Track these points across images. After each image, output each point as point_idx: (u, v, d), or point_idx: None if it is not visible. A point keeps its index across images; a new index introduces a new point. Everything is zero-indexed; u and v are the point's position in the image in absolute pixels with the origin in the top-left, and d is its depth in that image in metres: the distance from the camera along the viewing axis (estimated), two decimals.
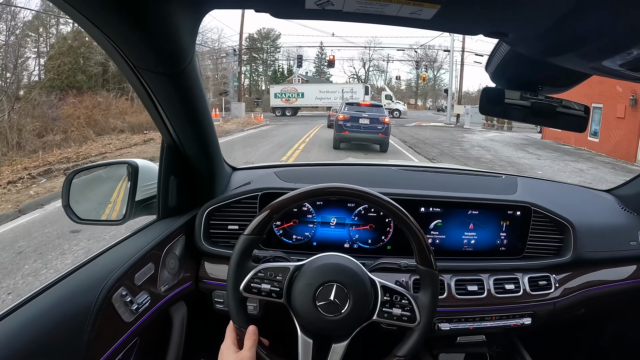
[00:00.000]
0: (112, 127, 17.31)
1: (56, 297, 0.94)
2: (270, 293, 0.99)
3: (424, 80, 50.94)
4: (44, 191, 7.61)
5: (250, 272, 1.01)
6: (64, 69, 22.36)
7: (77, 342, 0.89)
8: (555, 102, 1.00)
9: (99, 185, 1.53)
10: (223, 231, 1.45)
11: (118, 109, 19.14)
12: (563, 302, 1.47)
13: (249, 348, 0.94)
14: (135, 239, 1.24)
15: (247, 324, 0.99)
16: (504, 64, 0.95)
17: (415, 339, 0.99)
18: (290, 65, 52.36)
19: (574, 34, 0.68)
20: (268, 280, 1.00)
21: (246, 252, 1.02)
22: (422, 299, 1.01)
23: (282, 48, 53.76)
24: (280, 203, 1.04)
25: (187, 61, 0.95)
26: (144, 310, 1.11)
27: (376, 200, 1.03)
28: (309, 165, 1.86)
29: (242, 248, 1.02)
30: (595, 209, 1.72)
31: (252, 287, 1.00)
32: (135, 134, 16.80)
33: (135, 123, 17.86)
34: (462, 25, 0.82)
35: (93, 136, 15.28)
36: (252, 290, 1.00)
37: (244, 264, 1.02)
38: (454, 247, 1.48)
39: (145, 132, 17.05)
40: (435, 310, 1.02)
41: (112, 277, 1.01)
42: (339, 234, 1.47)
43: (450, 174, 1.76)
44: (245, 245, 1.02)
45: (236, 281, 1.00)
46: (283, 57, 54.95)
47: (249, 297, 1.01)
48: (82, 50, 23.52)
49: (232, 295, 1.00)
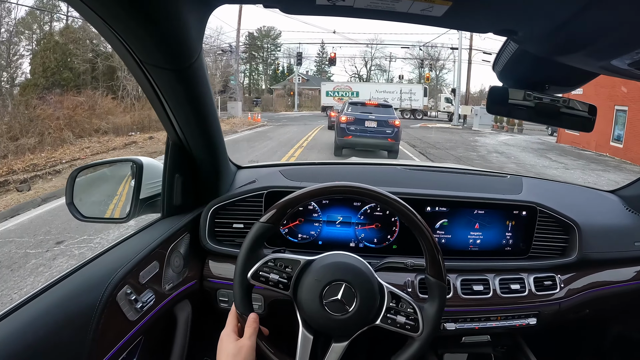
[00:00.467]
0: (95, 128, 15.96)
1: (60, 295, 0.93)
2: (277, 284, 0.99)
3: (428, 80, 49.88)
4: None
5: (260, 259, 1.00)
6: (49, 65, 21.19)
7: (82, 341, 0.89)
8: (559, 103, 0.99)
9: (103, 183, 1.53)
10: (228, 229, 1.44)
11: (103, 109, 17.75)
12: (568, 303, 1.47)
13: (248, 336, 0.94)
14: (140, 237, 1.23)
15: (250, 311, 0.99)
16: (511, 63, 0.94)
17: (415, 349, 0.99)
18: (291, 64, 51.34)
19: (584, 33, 0.67)
20: (277, 270, 1.00)
21: (259, 240, 1.02)
22: (428, 310, 1.01)
23: (283, 46, 52.86)
24: (296, 198, 1.03)
25: (194, 57, 0.94)
26: (149, 308, 1.11)
27: (394, 204, 1.03)
28: (315, 165, 1.86)
29: (257, 235, 1.01)
30: (600, 209, 1.70)
31: (261, 275, 0.99)
32: (119, 135, 15.49)
33: (120, 124, 16.57)
34: (473, 22, 0.81)
35: (72, 139, 13.99)
36: (260, 279, 0.99)
37: (255, 251, 1.01)
38: (460, 246, 1.47)
39: (131, 134, 15.75)
40: (439, 322, 1.04)
41: (117, 275, 1.01)
42: (344, 233, 1.46)
43: (455, 173, 1.75)
44: (259, 233, 1.01)
45: (245, 267, 1.00)
46: (284, 55, 54.03)
47: (256, 284, 1.00)
48: (70, 47, 22.30)
49: (239, 281, 1.00)
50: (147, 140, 14.65)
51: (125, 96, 20.71)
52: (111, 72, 22.34)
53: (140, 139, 14.78)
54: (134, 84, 20.66)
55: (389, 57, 55.03)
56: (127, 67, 0.97)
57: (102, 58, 22.09)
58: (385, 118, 11.44)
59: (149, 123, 17.83)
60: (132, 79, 20.47)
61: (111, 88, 21.32)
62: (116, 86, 21.53)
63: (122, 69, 21.42)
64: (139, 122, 17.61)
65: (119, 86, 21.36)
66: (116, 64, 21.82)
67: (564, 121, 1.01)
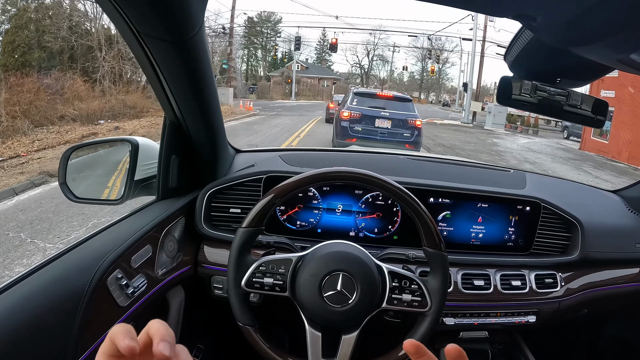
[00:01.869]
0: (60, 115, 13.79)
1: (47, 279, 0.90)
2: (273, 287, 0.99)
3: (433, 73, 48.17)
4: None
5: (251, 266, 1.00)
6: (19, 44, 18.95)
7: (69, 327, 0.86)
8: (563, 101, 0.93)
9: (97, 163, 1.51)
10: (225, 214, 1.41)
11: (73, 93, 15.49)
12: (568, 302, 1.47)
13: None
14: (133, 220, 1.21)
15: (252, 321, 0.99)
16: (524, 53, 0.89)
17: (428, 325, 0.99)
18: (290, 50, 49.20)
19: (605, 22, 0.62)
20: (270, 273, 0.99)
21: (245, 246, 1.01)
22: (432, 283, 1.01)
23: (283, 33, 50.77)
24: (284, 187, 1.02)
25: (195, 29, 0.90)
26: (140, 294, 1.08)
27: (384, 185, 1.03)
28: (316, 151, 1.85)
29: (241, 242, 1.00)
30: (602, 208, 1.69)
31: (254, 282, 0.99)
32: (84, 124, 13.28)
33: (88, 111, 14.31)
34: (489, 4, 0.73)
35: (29, 128, 11.84)
36: (254, 286, 0.99)
37: (243, 258, 1.01)
38: (462, 240, 1.46)
39: (97, 123, 13.58)
40: (446, 293, 1.02)
41: (108, 259, 0.99)
42: (344, 221, 1.44)
43: (459, 165, 1.73)
44: (244, 239, 1.01)
45: (237, 277, 0.99)
46: (284, 41, 51.75)
47: (251, 292, 1.00)
48: (45, 24, 20.01)
49: (234, 292, 0.99)
50: (111, 131, 12.49)
51: (102, 79, 18.50)
52: (88, 53, 20.10)
53: (103, 129, 12.63)
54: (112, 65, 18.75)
55: (392, 47, 52.96)
56: (123, 38, 0.92)
57: (77, 36, 19.80)
58: (402, 116, 8.76)
59: (123, 110, 15.69)
60: (112, 60, 19.48)
61: (86, 70, 19.06)
62: (94, 67, 19.31)
63: (101, 49, 19.33)
64: (111, 109, 15.43)
65: (97, 68, 19.14)
66: (94, 44, 19.64)
67: (573, 116, 0.96)
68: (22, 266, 3.86)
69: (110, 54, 19.18)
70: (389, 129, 8.75)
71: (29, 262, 3.98)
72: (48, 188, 6.60)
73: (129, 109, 15.91)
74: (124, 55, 19.00)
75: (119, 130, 12.74)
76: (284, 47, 52.87)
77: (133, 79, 20.18)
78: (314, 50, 56.71)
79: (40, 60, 18.99)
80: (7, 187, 6.33)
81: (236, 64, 32.64)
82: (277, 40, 52.45)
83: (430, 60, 44.96)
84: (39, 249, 4.25)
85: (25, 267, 0.84)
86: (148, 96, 17.60)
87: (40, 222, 4.98)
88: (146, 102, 17.32)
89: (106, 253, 0.99)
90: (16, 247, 4.29)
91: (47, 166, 7.53)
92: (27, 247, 4.31)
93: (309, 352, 0.96)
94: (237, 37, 36.57)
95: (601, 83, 16.00)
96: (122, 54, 18.98)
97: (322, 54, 55.86)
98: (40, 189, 6.58)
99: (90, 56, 19.83)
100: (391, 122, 8.74)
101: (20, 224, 4.95)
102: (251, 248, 1.03)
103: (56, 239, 4.48)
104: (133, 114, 15.85)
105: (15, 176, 7.06)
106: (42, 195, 6.21)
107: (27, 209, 5.51)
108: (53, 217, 5.11)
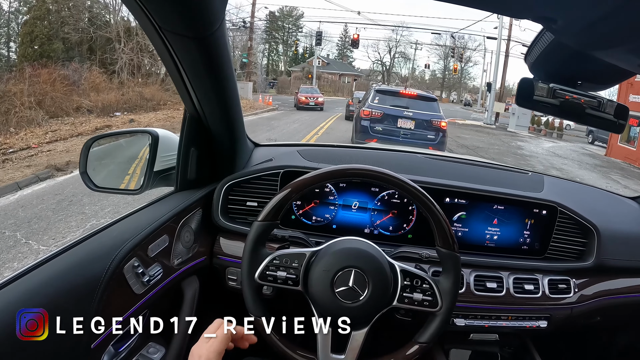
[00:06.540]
0: (76, 106, 13.70)
1: (66, 265, 0.93)
2: (286, 281, 0.99)
3: (455, 72, 47.21)
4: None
5: (265, 259, 1.00)
6: (38, 34, 19.03)
7: (85, 311, 0.88)
8: (585, 104, 0.90)
9: (118, 153, 1.52)
10: (241, 207, 1.42)
11: (90, 84, 15.43)
12: (580, 308, 1.44)
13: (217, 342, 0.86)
14: (151, 210, 1.23)
15: (264, 312, 0.99)
16: (544, 55, 0.87)
17: (437, 325, 0.99)
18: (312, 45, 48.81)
19: (626, 26, 0.62)
20: (284, 267, 0.99)
21: (260, 239, 1.01)
22: (443, 283, 1.00)
23: (304, 28, 50.29)
24: (301, 182, 1.02)
25: (216, 25, 0.91)
26: (156, 282, 1.10)
27: (400, 183, 1.02)
28: (334, 147, 1.83)
29: (256, 235, 1.01)
30: (620, 215, 1.63)
31: (268, 275, 0.99)
32: (100, 116, 13.17)
33: (105, 102, 14.22)
34: (509, 5, 0.75)
35: (44, 119, 11.73)
36: (267, 278, 0.99)
37: (258, 251, 1.01)
38: (476, 241, 1.44)
39: (113, 115, 13.44)
40: (457, 294, 1.02)
41: (125, 247, 1.00)
42: (360, 218, 1.43)
43: (477, 166, 1.70)
44: (259, 233, 1.01)
45: (251, 269, 1.00)
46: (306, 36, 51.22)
47: (264, 284, 1.00)
48: (63, 15, 20.07)
49: (247, 284, 1.00)
50: (126, 123, 12.33)
51: (120, 71, 18.43)
52: (107, 45, 20.09)
53: (118, 122, 12.47)
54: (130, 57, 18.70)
55: (414, 44, 52.08)
56: (145, 33, 0.93)
57: (96, 27, 19.80)
58: (427, 116, 8.16)
59: (140, 102, 15.56)
60: (130, 52, 19.48)
61: (104, 62, 19.03)
62: (112, 59, 19.27)
63: (120, 41, 19.30)
64: (128, 101, 15.32)
65: (115, 60, 19.11)
66: (113, 36, 19.62)
67: (595, 120, 0.92)
68: (11, 270, 3.59)
69: (129, 46, 19.16)
70: (412, 129, 8.20)
71: (20, 267, 3.65)
72: (53, 183, 6.39)
73: (146, 101, 15.84)
74: (142, 48, 18.94)
75: (134, 123, 12.58)
76: (305, 42, 52.29)
77: (152, 71, 20.14)
78: (336, 46, 55.62)
79: (58, 52, 19.04)
80: (11, 182, 6.13)
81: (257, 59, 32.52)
82: (298, 35, 52.16)
83: (453, 59, 44.07)
84: (32, 251, 3.98)
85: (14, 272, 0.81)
86: (166, 89, 17.51)
87: (38, 221, 4.73)
88: (164, 94, 17.24)
89: (124, 241, 1.01)
90: (9, 248, 4.04)
91: (55, 159, 7.33)
92: (21, 248, 4.05)
93: (319, 346, 0.98)
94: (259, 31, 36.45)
95: (630, 87, 15.27)
96: (141, 46, 18.95)
97: (343, 49, 54.67)
98: (44, 183, 6.36)
99: (108, 48, 19.86)
100: (414, 123, 8.19)
101: (18, 221, 4.72)
102: (266, 241, 1.03)
103: (51, 240, 4.22)
104: (150, 106, 15.73)
105: (21, 169, 6.87)
106: (46, 190, 5.99)
107: (27, 206, 5.29)
108: (52, 216, 4.86)
